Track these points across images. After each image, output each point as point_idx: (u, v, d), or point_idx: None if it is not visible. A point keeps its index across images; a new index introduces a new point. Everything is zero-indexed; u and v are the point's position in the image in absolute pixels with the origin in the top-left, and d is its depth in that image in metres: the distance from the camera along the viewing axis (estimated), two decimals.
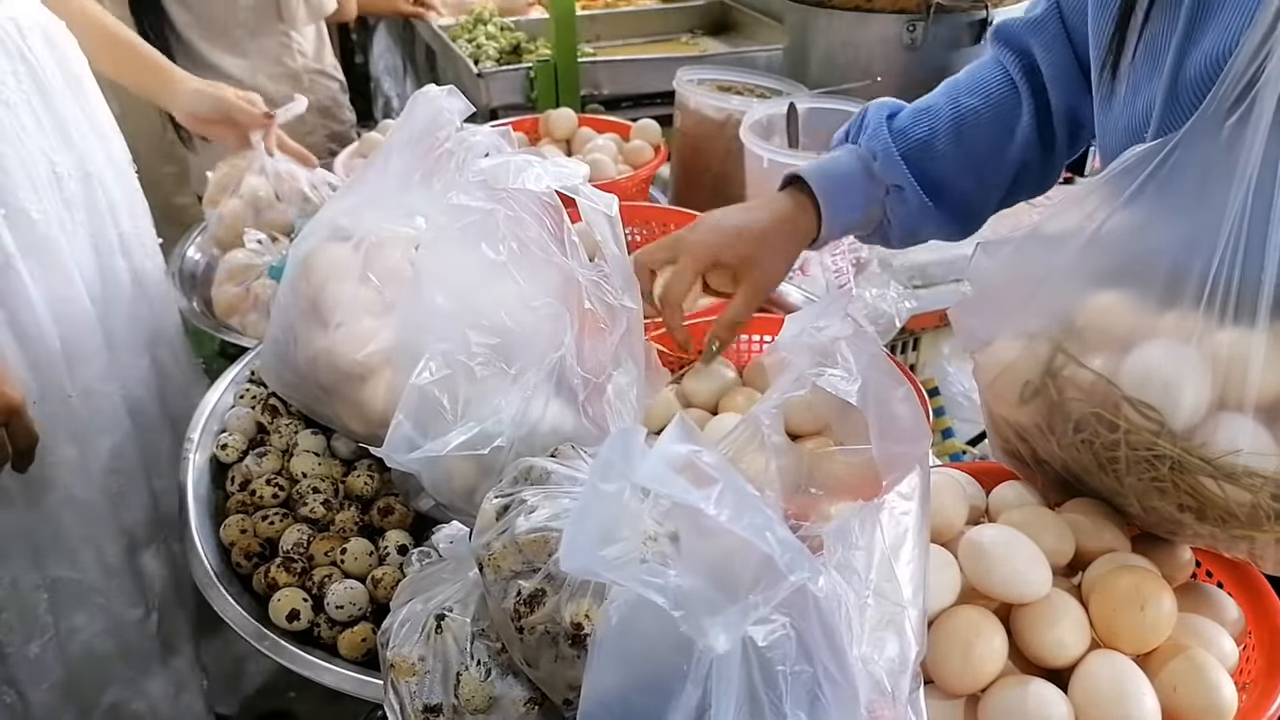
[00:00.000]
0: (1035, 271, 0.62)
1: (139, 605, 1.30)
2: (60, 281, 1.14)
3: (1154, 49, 0.71)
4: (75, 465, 1.19)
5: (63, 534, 1.20)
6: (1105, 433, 0.58)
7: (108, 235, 1.21)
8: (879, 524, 0.52)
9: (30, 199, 1.09)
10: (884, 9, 1.48)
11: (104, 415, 1.22)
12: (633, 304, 0.71)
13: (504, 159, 0.70)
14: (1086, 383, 0.59)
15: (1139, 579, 0.58)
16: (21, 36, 1.10)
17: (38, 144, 1.11)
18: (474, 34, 2.12)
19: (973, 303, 0.68)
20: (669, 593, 0.44)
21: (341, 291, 0.89)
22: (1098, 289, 0.59)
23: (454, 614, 0.67)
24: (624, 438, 0.43)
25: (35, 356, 1.12)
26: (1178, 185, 0.55)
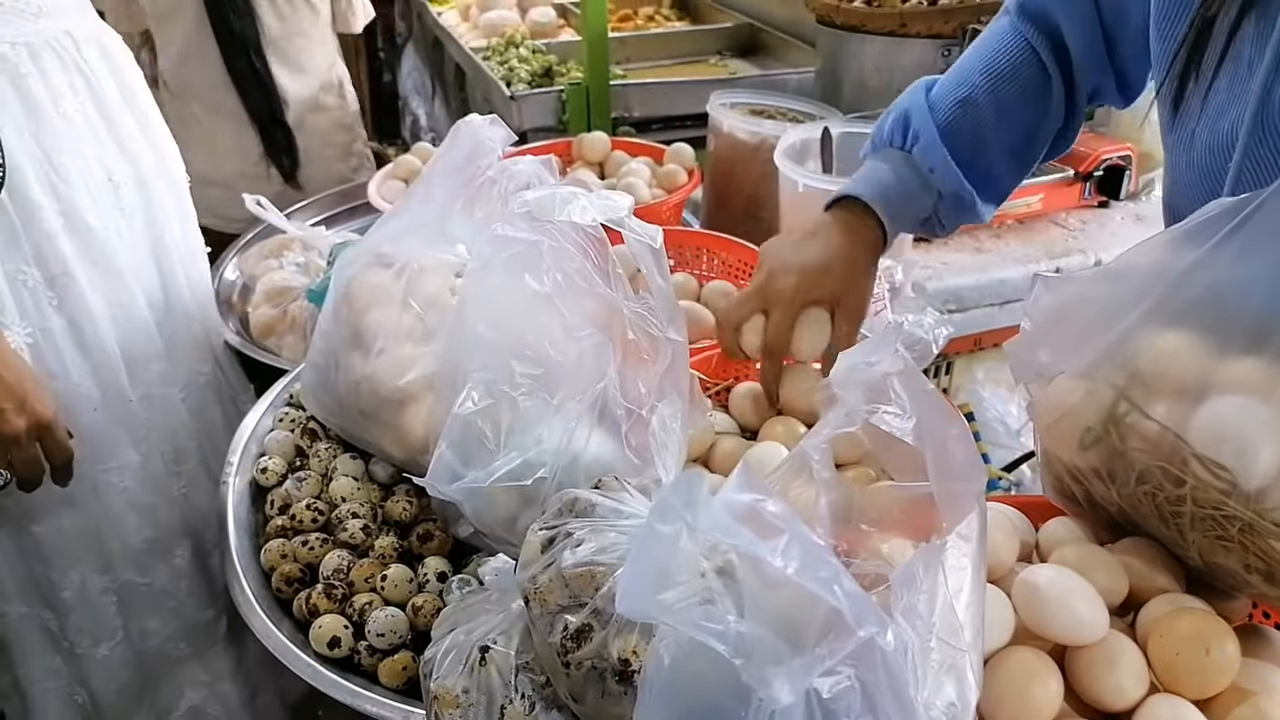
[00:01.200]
0: (1100, 310, 0.61)
1: (209, 607, 1.32)
2: (118, 289, 1.17)
3: (1239, 72, 0.70)
4: (138, 469, 1.21)
5: (129, 538, 1.22)
6: (1170, 487, 0.57)
7: (165, 243, 1.24)
8: (941, 567, 0.51)
9: (89, 208, 1.12)
10: (918, 34, 1.48)
11: (166, 419, 1.25)
12: (678, 336, 0.71)
13: (549, 191, 0.70)
14: (1152, 434, 0.58)
15: (1203, 622, 0.57)
16: (77, 49, 1.12)
17: (95, 153, 1.14)
18: (506, 56, 2.14)
19: (1031, 337, 0.67)
20: (729, 639, 0.43)
21: (383, 318, 0.89)
22: (1167, 331, 0.58)
23: (498, 646, 0.67)
24: (686, 483, 0.43)
25: (96, 363, 1.15)
26: (1267, 239, 0.53)
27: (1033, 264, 1.55)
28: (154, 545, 1.24)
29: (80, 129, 1.12)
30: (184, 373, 1.28)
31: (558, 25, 2.48)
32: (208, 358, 1.32)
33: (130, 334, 1.18)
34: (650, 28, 2.53)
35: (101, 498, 1.19)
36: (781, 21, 2.31)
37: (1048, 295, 0.65)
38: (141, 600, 1.25)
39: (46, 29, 1.09)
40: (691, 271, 1.33)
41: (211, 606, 1.33)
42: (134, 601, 1.24)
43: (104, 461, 1.18)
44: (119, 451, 1.19)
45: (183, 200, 1.29)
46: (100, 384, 1.15)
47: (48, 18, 1.09)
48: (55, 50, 1.10)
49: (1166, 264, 0.58)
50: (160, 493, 1.24)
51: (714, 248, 1.34)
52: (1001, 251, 1.58)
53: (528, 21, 2.43)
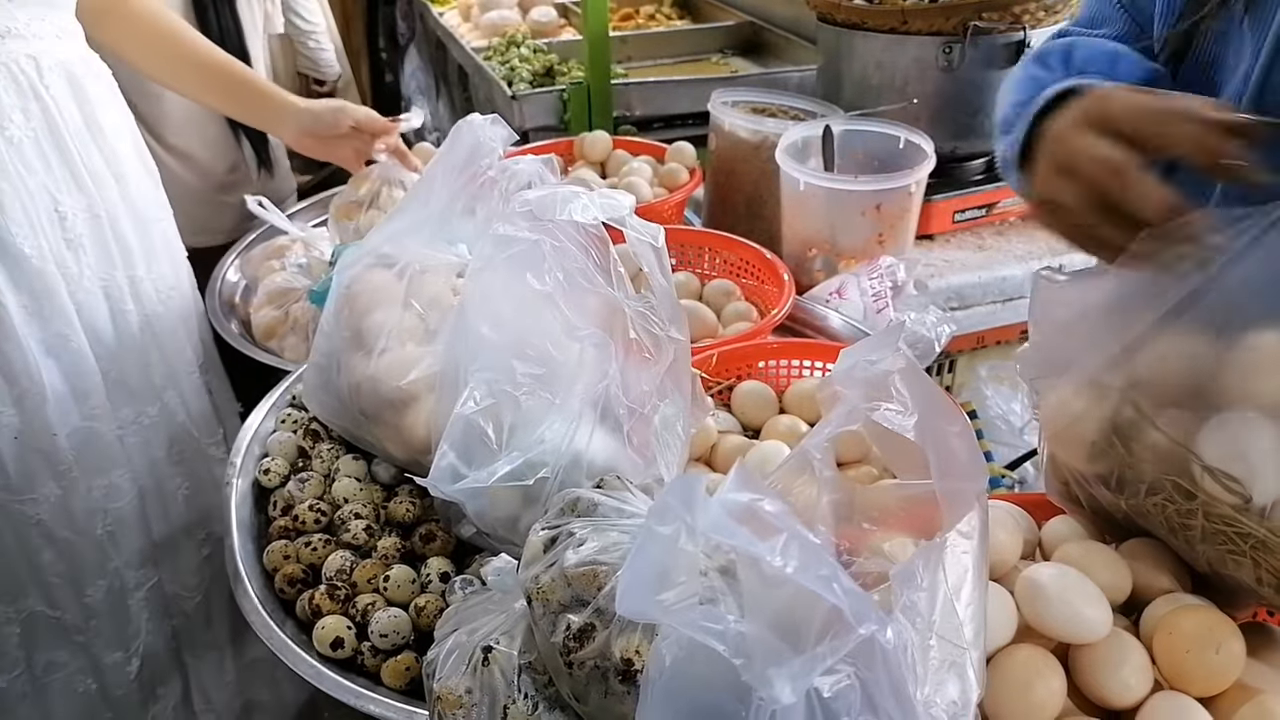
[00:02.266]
0: (1112, 316, 0.60)
1: (119, 649, 1.28)
2: (53, 319, 1.14)
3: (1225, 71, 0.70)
4: (57, 503, 1.18)
5: (40, 571, 1.20)
6: (1181, 500, 0.56)
7: (118, 279, 1.21)
8: (942, 564, 0.51)
9: (26, 236, 1.09)
10: (919, 31, 1.47)
11: (98, 455, 1.21)
12: (679, 335, 0.71)
13: (550, 190, 0.70)
14: (1161, 445, 0.57)
15: (1210, 620, 0.57)
16: (39, 75, 1.11)
17: (41, 182, 1.11)
18: (507, 56, 2.14)
19: (1040, 342, 0.67)
20: (729, 639, 0.43)
21: (385, 318, 0.89)
22: (1180, 336, 0.58)
23: (501, 646, 0.67)
24: (685, 485, 0.43)
25: (20, 391, 1.12)
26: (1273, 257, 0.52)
27: (1035, 261, 1.55)
28: (65, 580, 1.21)
29: (28, 155, 1.10)
30: (126, 411, 1.25)
31: (559, 25, 2.48)
32: (154, 400, 1.28)
33: (66, 367, 1.16)
34: (651, 26, 2.53)
35: (14, 527, 1.17)
36: (782, 19, 2.31)
37: (1057, 300, 0.64)
38: (47, 632, 1.22)
39: (8, 50, 1.08)
40: (693, 270, 1.33)
41: (122, 649, 1.29)
42: (39, 634, 1.21)
43: (20, 493, 1.15)
44: (37, 483, 1.16)
45: (153, 238, 1.26)
46: (22, 413, 1.13)
47: (15, 39, 1.08)
48: (12, 73, 1.08)
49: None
50: (80, 530, 1.21)
51: (716, 246, 1.34)
52: (1004, 249, 1.58)
53: (529, 21, 2.42)
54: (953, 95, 1.51)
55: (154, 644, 1.33)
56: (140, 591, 1.30)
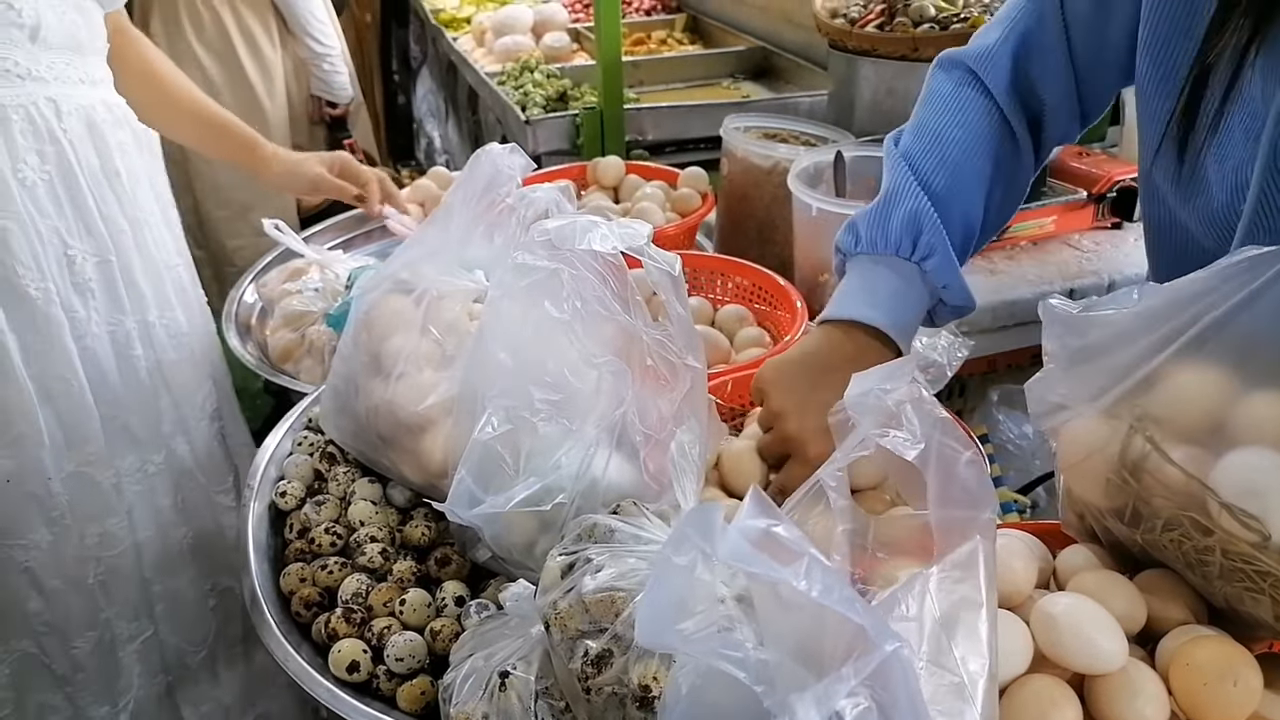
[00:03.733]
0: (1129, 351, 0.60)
1: (106, 704, 1.26)
2: (55, 362, 1.14)
3: (1237, 122, 0.71)
4: (47, 549, 1.17)
5: (28, 618, 1.18)
6: (1198, 536, 0.57)
7: (126, 325, 1.21)
8: (929, 593, 0.52)
9: (32, 277, 1.10)
10: (930, 58, 1.48)
11: (93, 502, 1.20)
12: (696, 363, 0.72)
13: (569, 220, 0.71)
14: (1176, 480, 0.58)
15: (1228, 652, 0.57)
16: (58, 119, 1.12)
17: (53, 225, 1.12)
18: (521, 81, 2.17)
19: (1053, 376, 0.67)
20: (750, 666, 0.44)
21: (403, 344, 0.91)
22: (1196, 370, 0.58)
23: (517, 671, 0.68)
24: (702, 514, 0.43)
25: (17, 434, 1.12)
26: None
27: (1046, 285, 1.55)
28: (52, 630, 1.19)
29: (40, 197, 1.10)
30: (131, 458, 1.23)
31: (571, 50, 2.51)
32: (161, 448, 1.27)
33: (64, 411, 1.15)
34: (663, 51, 2.56)
35: (3, 572, 1.15)
36: (793, 45, 2.33)
37: (1070, 331, 0.65)
38: (38, 676, 1.20)
39: (29, 93, 1.09)
40: (705, 295, 1.34)
41: (109, 704, 1.26)
42: (30, 676, 1.20)
43: (10, 536, 1.14)
44: (28, 528, 1.15)
45: (167, 284, 1.26)
46: (17, 456, 1.12)
47: (35, 81, 1.09)
48: (29, 116, 1.09)
49: (1202, 305, 0.57)
50: (69, 579, 1.19)
51: (728, 271, 1.35)
52: (1014, 273, 1.58)
53: (542, 46, 2.46)
54: None
55: (144, 698, 1.30)
56: (133, 644, 1.27)
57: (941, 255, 0.88)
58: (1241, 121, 0.71)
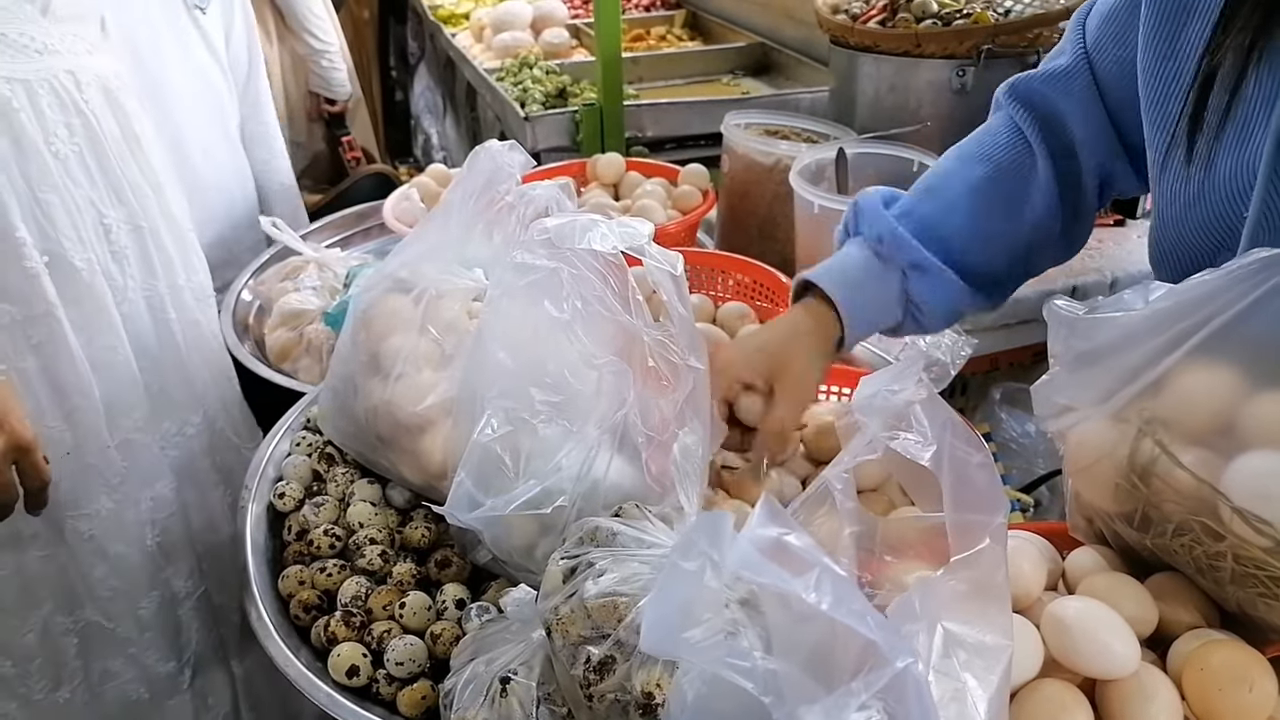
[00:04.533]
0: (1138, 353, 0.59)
1: (172, 660, 1.30)
2: (103, 331, 1.15)
3: (1242, 122, 0.70)
4: (109, 517, 1.19)
5: (94, 584, 1.20)
6: (1209, 541, 0.56)
7: (159, 290, 1.23)
8: (939, 597, 0.51)
9: (75, 249, 1.11)
10: (933, 54, 1.48)
11: (145, 467, 1.22)
12: (698, 364, 0.71)
13: (569, 218, 0.70)
14: (1186, 485, 0.57)
15: (1241, 657, 0.56)
16: (79, 90, 1.12)
17: (87, 196, 1.13)
18: (520, 77, 2.16)
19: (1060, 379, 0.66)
20: (758, 676, 0.43)
21: (401, 344, 0.90)
22: (1206, 371, 0.57)
23: (519, 677, 0.67)
24: (711, 521, 0.42)
25: (72, 406, 1.13)
26: None
27: (1049, 283, 1.54)
28: (118, 594, 1.22)
29: (74, 169, 1.11)
30: (169, 422, 1.26)
31: (571, 46, 2.50)
32: (198, 408, 1.29)
33: (112, 380, 1.17)
34: (663, 48, 2.54)
35: (69, 544, 1.17)
36: (794, 41, 2.32)
37: (1076, 333, 0.64)
38: (103, 642, 1.23)
39: (48, 66, 1.09)
40: (707, 293, 1.33)
41: (175, 659, 1.30)
42: (95, 643, 1.22)
43: (74, 508, 1.16)
44: (91, 499, 1.17)
45: (187, 248, 1.28)
46: (74, 428, 1.14)
47: (52, 55, 1.10)
48: (54, 89, 1.09)
49: (1212, 308, 0.56)
50: (131, 543, 1.22)
51: (729, 269, 1.34)
52: None
53: (541, 42, 2.44)
54: (966, 118, 1.50)
55: (204, 653, 1.35)
56: (189, 601, 1.31)
57: (872, 215, 0.91)
58: (1246, 124, 0.70)
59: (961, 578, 0.56)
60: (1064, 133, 0.89)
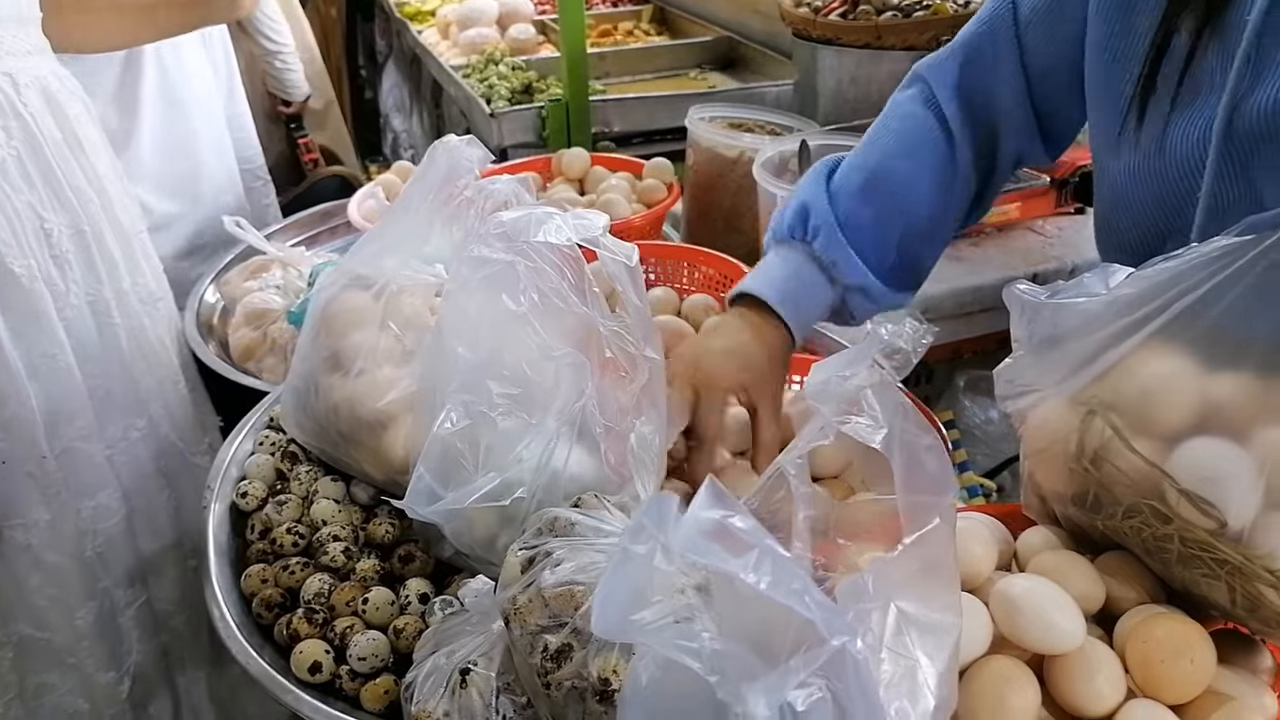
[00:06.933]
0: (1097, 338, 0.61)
1: (111, 669, 1.28)
2: (42, 339, 1.13)
3: (1193, 99, 0.71)
4: (45, 529, 1.17)
5: (28, 595, 1.19)
6: (1157, 524, 0.57)
7: (104, 294, 1.21)
8: (891, 578, 0.52)
9: (14, 255, 1.09)
10: (893, 46, 1.49)
11: (86, 476, 1.21)
12: (654, 354, 0.71)
13: (524, 211, 0.70)
14: (1137, 468, 0.58)
15: (1182, 630, 0.58)
16: (16, 92, 1.10)
17: (26, 200, 1.11)
18: (486, 74, 2.15)
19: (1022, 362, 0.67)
20: (704, 657, 0.43)
21: (362, 340, 0.89)
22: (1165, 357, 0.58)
23: (479, 668, 0.67)
24: (658, 504, 0.43)
25: (9, 416, 1.11)
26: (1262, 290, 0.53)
27: (1010, 271, 1.56)
28: (55, 603, 1.20)
29: (12, 174, 1.09)
30: (114, 427, 1.24)
31: (537, 42, 2.50)
32: (143, 413, 1.28)
33: (53, 388, 1.15)
34: (630, 43, 2.54)
35: (3, 555, 1.16)
36: (759, 34, 2.33)
37: (1037, 317, 0.65)
38: (39, 654, 1.21)
39: None
40: (672, 285, 1.34)
41: (114, 669, 1.28)
42: (31, 656, 1.21)
43: (9, 518, 1.15)
44: (27, 509, 1.15)
45: (134, 251, 1.26)
46: (10, 438, 1.12)
47: None
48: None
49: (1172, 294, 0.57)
50: (69, 554, 1.20)
51: (695, 261, 1.35)
52: (979, 259, 1.59)
53: (507, 39, 2.44)
54: None
55: (145, 663, 1.33)
56: (130, 610, 1.29)
57: (827, 232, 0.91)
58: (1197, 101, 0.72)
59: (913, 557, 0.57)
60: (988, 109, 0.91)
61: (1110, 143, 0.82)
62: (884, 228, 0.92)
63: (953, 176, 0.93)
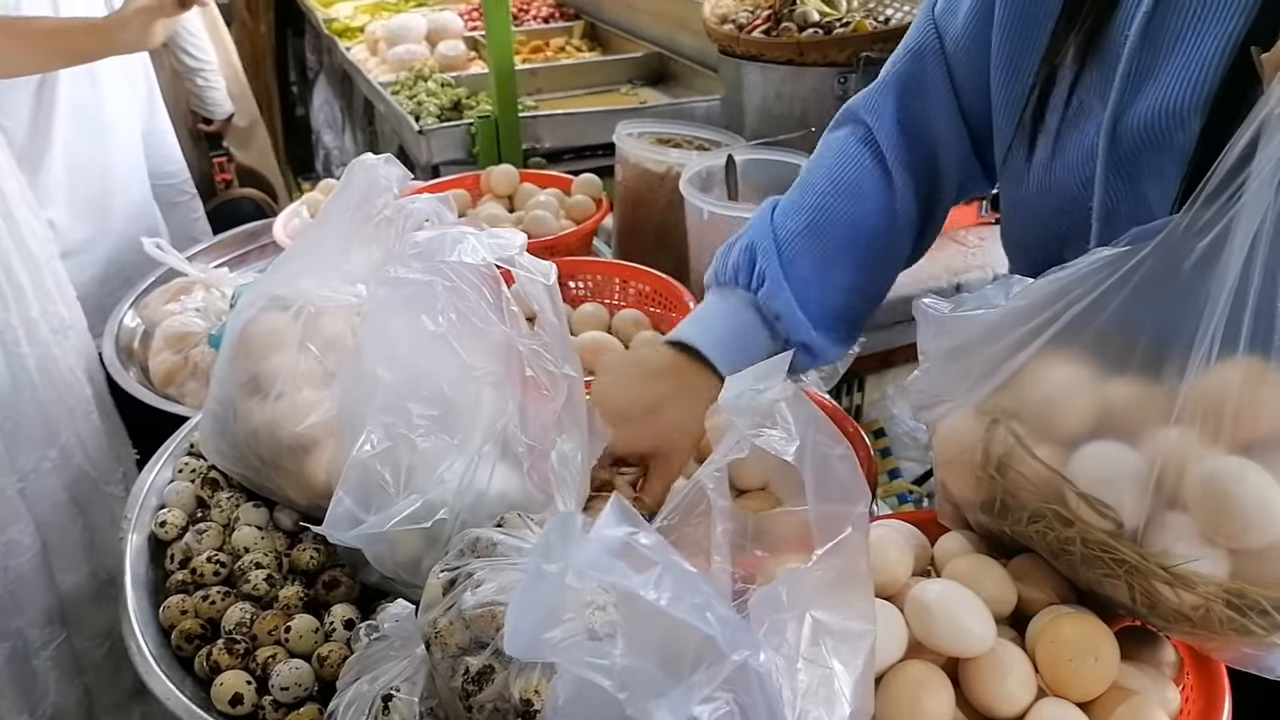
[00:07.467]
0: (995, 349, 0.62)
1: (24, 713, 1.25)
2: None
3: (1083, 112, 0.74)
4: None
5: None
6: (1060, 528, 0.59)
7: (12, 323, 1.19)
8: (805, 587, 0.52)
9: None
10: (815, 62, 1.52)
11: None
12: (573, 371, 0.71)
13: (440, 232, 0.70)
14: (1039, 474, 0.60)
15: (1088, 629, 0.60)
16: None
17: None
18: (414, 90, 2.14)
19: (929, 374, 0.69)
20: (614, 674, 0.44)
21: (281, 362, 0.88)
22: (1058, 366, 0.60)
23: (401, 694, 0.66)
24: (563, 522, 0.43)
25: None
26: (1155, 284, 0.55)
27: (935, 281, 1.59)
28: None
29: None
30: (24, 460, 1.22)
31: (468, 58, 2.49)
32: (54, 443, 1.25)
33: None
34: (561, 58, 2.55)
35: None
36: (690, 50, 2.35)
37: (942, 330, 0.67)
38: None
39: None
40: (603, 301, 1.34)
41: (27, 713, 1.25)
42: None
43: None
44: None
45: (44, 279, 1.24)
46: None
47: None
48: None
49: (1061, 304, 0.59)
50: None
51: (625, 276, 1.36)
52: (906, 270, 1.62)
53: (437, 55, 2.42)
54: None
55: (64, 704, 1.29)
56: (47, 650, 1.25)
57: (773, 282, 0.88)
58: (1085, 117, 0.75)
59: (827, 566, 0.58)
60: (927, 141, 0.90)
61: (1011, 158, 0.85)
62: (827, 275, 0.90)
63: (893, 218, 0.91)
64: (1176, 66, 0.68)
